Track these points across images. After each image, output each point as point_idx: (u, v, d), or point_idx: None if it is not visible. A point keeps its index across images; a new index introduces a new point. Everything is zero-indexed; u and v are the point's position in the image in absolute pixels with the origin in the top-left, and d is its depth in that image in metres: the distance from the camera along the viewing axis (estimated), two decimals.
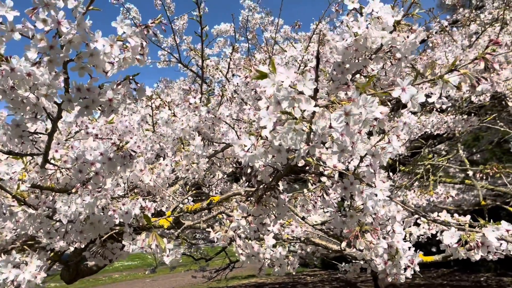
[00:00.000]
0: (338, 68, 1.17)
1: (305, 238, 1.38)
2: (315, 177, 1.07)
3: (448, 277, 7.98)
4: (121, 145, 1.14)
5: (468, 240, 0.90)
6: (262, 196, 1.00)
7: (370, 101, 0.75)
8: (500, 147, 6.77)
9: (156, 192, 1.55)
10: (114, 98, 0.96)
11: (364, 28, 1.04)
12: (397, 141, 1.06)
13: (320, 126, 0.75)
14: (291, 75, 0.73)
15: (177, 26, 4.96)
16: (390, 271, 0.96)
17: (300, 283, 8.76)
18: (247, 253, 1.20)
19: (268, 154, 0.85)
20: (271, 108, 0.76)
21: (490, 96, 2.40)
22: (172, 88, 5.21)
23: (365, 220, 0.95)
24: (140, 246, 1.13)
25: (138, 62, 0.99)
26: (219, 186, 2.30)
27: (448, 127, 2.54)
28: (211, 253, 8.07)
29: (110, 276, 13.13)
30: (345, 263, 2.02)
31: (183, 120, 1.52)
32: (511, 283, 7.11)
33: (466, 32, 3.15)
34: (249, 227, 1.01)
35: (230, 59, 2.43)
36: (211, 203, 1.20)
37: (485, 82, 0.72)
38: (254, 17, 4.70)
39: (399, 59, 1.11)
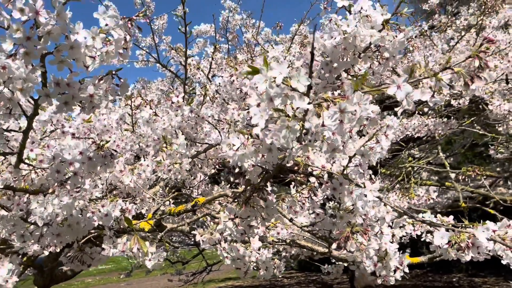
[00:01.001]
0: (326, 67, 1.15)
1: (290, 240, 1.36)
2: (304, 177, 1.05)
3: (422, 278, 8.13)
4: (101, 144, 1.09)
5: (458, 241, 0.89)
6: (250, 197, 0.97)
7: (365, 98, 0.74)
8: (472, 151, 6.95)
9: (136, 193, 1.50)
10: (95, 94, 0.91)
11: (353, 26, 1.03)
12: (386, 141, 1.05)
13: (313, 124, 0.73)
14: (284, 70, 0.70)
15: (156, 26, 4.88)
16: (380, 273, 0.95)
17: (277, 285, 8.74)
18: (232, 256, 1.17)
19: (259, 153, 0.83)
20: (263, 105, 0.74)
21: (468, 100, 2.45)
22: (150, 88, 5.12)
23: (355, 221, 0.93)
24: (121, 250, 1.08)
25: (121, 57, 0.95)
26: (200, 188, 2.25)
27: (428, 130, 2.58)
28: (188, 256, 7.97)
29: (83, 280, 12.80)
30: (327, 264, 2.01)
31: (165, 120, 1.47)
32: (482, 283, 7.29)
33: (445, 37, 3.21)
34: (236, 230, 0.97)
35: (212, 59, 2.39)
36: (196, 205, 1.16)
37: (479, 80, 0.71)
38: (234, 18, 4.68)
39: (387, 59, 1.11)
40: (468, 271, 8.04)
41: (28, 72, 0.86)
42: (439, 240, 0.89)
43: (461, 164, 6.40)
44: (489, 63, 0.71)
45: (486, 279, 7.41)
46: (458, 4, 4.33)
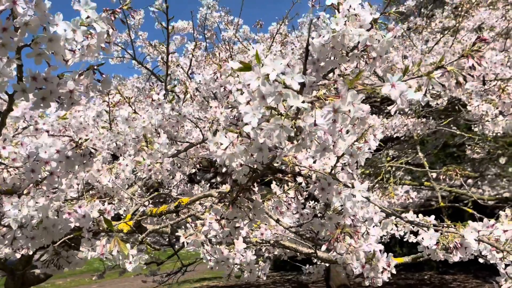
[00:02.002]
0: (313, 66, 1.14)
1: (274, 241, 1.34)
2: (291, 177, 1.03)
3: (395, 276, 8.25)
4: (80, 142, 1.04)
5: (446, 242, 0.89)
6: (237, 197, 0.95)
7: (358, 98, 0.72)
8: (444, 151, 7.14)
9: (113, 194, 1.45)
10: (75, 89, 0.86)
11: (342, 24, 1.01)
12: (374, 141, 1.04)
13: (308, 123, 0.71)
14: (278, 67, 0.68)
15: (132, 21, 4.77)
16: (368, 274, 0.94)
17: (252, 285, 8.73)
18: (216, 259, 1.14)
19: (248, 152, 0.80)
20: (255, 103, 0.71)
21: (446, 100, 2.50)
22: (125, 85, 5.00)
23: (344, 222, 0.92)
24: (99, 252, 1.04)
25: (104, 51, 0.90)
26: (178, 187, 2.21)
27: (408, 129, 2.62)
28: (162, 257, 7.85)
29: (53, 283, 12.42)
30: (308, 265, 2.01)
31: (144, 118, 1.43)
32: (452, 280, 7.50)
33: (423, 38, 3.27)
34: (222, 231, 0.95)
35: (193, 55, 2.34)
36: (180, 206, 1.12)
37: (472, 79, 0.71)
38: (212, 16, 4.62)
39: (374, 58, 1.10)
40: (439, 268, 8.26)
41: (3, 65, 0.80)
42: (428, 241, 0.88)
43: (435, 164, 6.55)
44: (482, 62, 0.71)
45: (456, 276, 7.62)
46: (433, 7, 4.43)
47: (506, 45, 2.76)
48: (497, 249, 0.88)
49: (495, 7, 3.19)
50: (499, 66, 2.00)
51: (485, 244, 0.95)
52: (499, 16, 2.83)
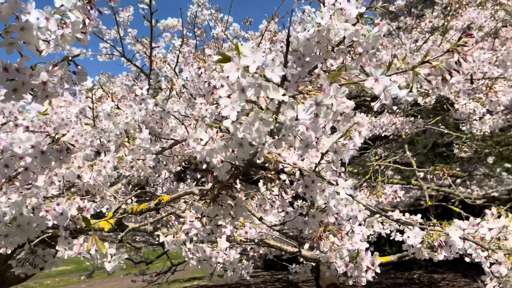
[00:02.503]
0: (298, 61, 1.11)
1: (259, 239, 1.31)
2: (275, 174, 1.01)
3: (384, 275, 8.32)
4: (56, 137, 1.00)
5: (431, 240, 0.87)
6: (218, 195, 0.92)
7: (341, 91, 0.70)
8: (433, 151, 7.18)
9: (95, 191, 1.41)
10: (49, 81, 0.83)
11: (327, 19, 0.99)
12: (359, 138, 1.02)
13: (289, 117, 0.68)
14: (258, 59, 0.65)
15: (121, 18, 4.71)
16: (352, 273, 0.92)
17: (242, 284, 8.71)
18: (198, 257, 1.11)
19: (229, 148, 0.77)
20: (234, 96, 0.68)
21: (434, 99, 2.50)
22: (114, 83, 4.94)
23: (327, 220, 0.90)
24: (77, 251, 1.00)
25: (80, 42, 0.87)
26: (164, 185, 2.17)
27: (396, 128, 2.61)
28: (152, 256, 7.79)
29: (41, 282, 12.28)
30: (295, 264, 1.98)
31: (127, 113, 1.39)
32: (441, 279, 7.55)
33: (412, 37, 3.27)
34: (204, 230, 0.92)
35: (179, 52, 2.31)
36: (160, 203, 1.09)
37: (457, 74, 0.69)
38: (203, 13, 4.58)
39: (360, 54, 1.08)
40: (428, 268, 8.31)
41: None
42: (413, 240, 0.87)
43: (424, 163, 6.59)
44: (468, 57, 0.69)
45: (445, 275, 7.67)
46: (423, 7, 4.44)
47: (494, 45, 2.77)
48: (482, 248, 0.87)
49: (484, 7, 3.20)
50: (486, 65, 2.00)
51: (471, 243, 0.93)
52: (487, 16, 2.83)
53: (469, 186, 5.99)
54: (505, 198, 3.73)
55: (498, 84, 1.99)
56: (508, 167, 5.76)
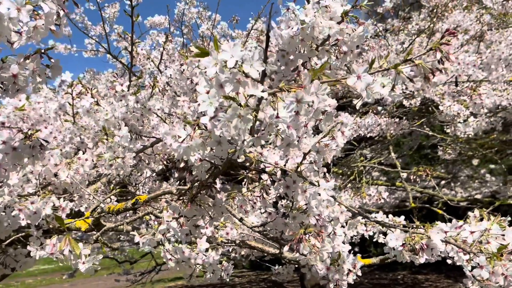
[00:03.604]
0: (282, 59, 1.09)
1: (240, 241, 1.29)
2: (256, 174, 0.98)
3: (369, 276, 8.37)
4: (29, 133, 0.96)
5: (413, 243, 0.86)
6: (197, 195, 0.89)
7: (322, 88, 0.68)
8: (419, 153, 7.25)
9: (73, 190, 1.37)
10: (20, 74, 0.79)
11: (311, 16, 0.97)
12: (342, 138, 1.00)
13: (268, 114, 0.66)
14: (237, 53, 0.63)
15: (107, 14, 4.64)
16: (333, 277, 0.90)
17: (228, 284, 8.68)
18: (177, 259, 1.08)
19: (207, 146, 0.75)
20: (212, 92, 0.66)
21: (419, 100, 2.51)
22: (99, 80, 4.87)
23: (308, 221, 0.88)
24: (49, 252, 0.96)
25: (54, 34, 0.83)
26: (147, 185, 2.13)
27: (381, 129, 2.61)
28: (136, 256, 7.71)
29: (23, 281, 12.08)
30: (278, 265, 1.96)
31: (107, 110, 1.35)
32: (425, 280, 7.62)
33: (398, 39, 3.28)
34: (181, 230, 0.89)
35: (164, 49, 2.27)
36: (137, 203, 1.06)
37: (440, 73, 0.67)
38: (190, 11, 4.53)
39: (345, 53, 1.06)
40: (412, 268, 8.39)
41: None
42: (394, 242, 0.85)
43: (409, 165, 6.64)
44: (451, 55, 0.67)
45: (429, 276, 7.75)
46: (410, 9, 4.46)
47: (479, 48, 2.79)
48: (463, 251, 0.86)
49: (470, 10, 3.22)
50: (471, 68, 2.00)
51: (453, 246, 0.92)
52: (473, 19, 2.85)
53: (453, 188, 6.05)
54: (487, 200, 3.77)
55: (482, 86, 2.00)
56: (492, 169, 5.84)
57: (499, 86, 2.08)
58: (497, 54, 1.98)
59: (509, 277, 0.78)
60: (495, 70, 1.99)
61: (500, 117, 2.31)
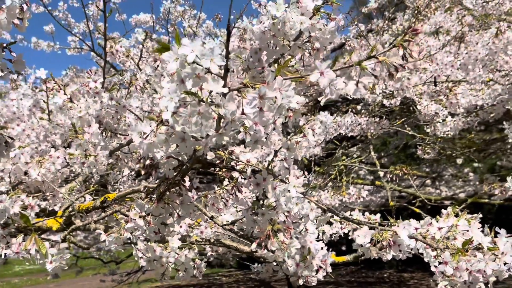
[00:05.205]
0: (255, 55, 1.08)
1: (215, 239, 1.28)
2: (226, 172, 0.98)
3: (356, 274, 8.43)
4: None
5: (380, 239, 0.86)
6: (165, 193, 0.88)
7: (286, 84, 0.67)
8: (404, 152, 7.31)
9: (46, 189, 1.35)
10: None
11: (282, 11, 0.97)
12: (313, 136, 1.00)
13: (229, 111, 0.65)
14: (197, 48, 0.62)
15: (91, 12, 4.59)
16: (302, 273, 0.90)
17: (215, 284, 8.65)
18: (148, 257, 1.07)
19: (171, 142, 0.74)
20: (173, 86, 0.65)
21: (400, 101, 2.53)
22: (83, 77, 4.81)
23: (277, 218, 0.87)
24: (15, 251, 0.94)
25: (17, 28, 0.82)
26: (126, 183, 2.11)
27: (361, 129, 2.62)
28: (122, 255, 7.64)
29: (9, 281, 11.91)
30: (257, 263, 1.95)
31: (81, 107, 1.33)
32: (410, 278, 7.70)
33: (381, 40, 3.30)
34: (148, 228, 0.88)
35: (143, 46, 2.25)
36: (106, 201, 1.05)
37: (403, 70, 0.67)
38: (176, 10, 4.50)
39: (318, 50, 1.06)
40: (398, 267, 8.47)
41: None
42: (362, 239, 0.85)
43: (395, 164, 6.68)
44: (413, 53, 0.67)
45: (414, 274, 7.83)
46: (395, 10, 4.49)
47: (460, 49, 2.82)
48: (431, 247, 0.86)
49: (452, 11, 3.25)
50: (449, 68, 2.02)
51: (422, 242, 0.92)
52: (454, 20, 2.88)
53: (438, 187, 6.12)
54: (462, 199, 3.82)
55: (461, 86, 2.02)
56: (475, 167, 5.91)
57: (476, 86, 2.11)
58: (474, 54, 2.00)
59: (474, 272, 0.79)
60: (472, 71, 2.02)
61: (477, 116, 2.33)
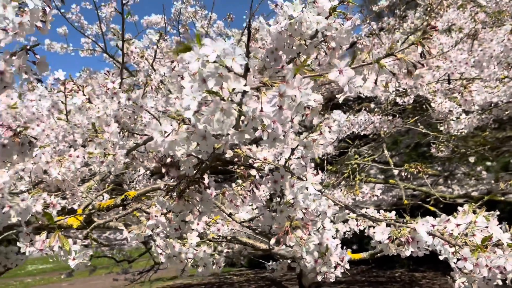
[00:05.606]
0: (271, 55, 1.10)
1: (231, 237, 1.29)
2: (244, 170, 0.99)
3: (367, 274, 8.39)
4: (18, 130, 0.97)
5: (399, 235, 0.87)
6: (185, 190, 0.90)
7: (305, 82, 0.69)
8: (416, 151, 7.25)
9: (65, 187, 1.38)
10: (6, 71, 0.80)
11: (299, 11, 0.98)
12: (329, 133, 1.01)
13: (251, 108, 0.67)
14: (219, 47, 0.64)
15: (103, 14, 4.64)
16: (320, 269, 0.91)
17: (226, 283, 8.68)
18: (168, 254, 1.09)
19: (192, 140, 0.75)
20: (195, 86, 0.67)
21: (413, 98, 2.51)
22: (96, 79, 4.86)
23: (295, 215, 0.88)
24: (39, 248, 0.97)
25: (40, 31, 0.84)
26: (141, 183, 2.14)
27: (374, 127, 2.61)
28: (134, 254, 7.71)
29: (22, 280, 12.08)
30: (272, 261, 1.97)
31: (99, 107, 1.36)
32: (422, 277, 7.64)
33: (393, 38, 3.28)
34: (169, 225, 0.90)
35: (157, 47, 2.28)
36: (126, 199, 1.07)
37: (422, 67, 0.68)
38: (187, 11, 4.54)
39: (334, 49, 1.07)
40: (409, 266, 8.40)
41: None
42: (380, 236, 0.86)
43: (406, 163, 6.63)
44: (432, 50, 0.68)
45: (426, 274, 7.77)
46: (406, 8, 4.47)
47: (473, 46, 2.79)
48: (449, 243, 0.87)
49: (464, 8, 3.22)
50: (463, 65, 2.01)
51: (439, 239, 0.93)
52: (467, 17, 2.86)
53: (450, 185, 6.06)
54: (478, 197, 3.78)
55: (474, 84, 2.00)
56: (488, 166, 5.85)
57: (491, 83, 2.09)
58: (489, 51, 1.98)
59: (493, 268, 0.79)
60: (487, 68, 2.00)
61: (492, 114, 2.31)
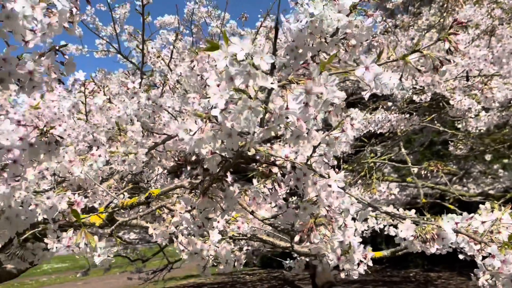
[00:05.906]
0: (291, 53, 1.10)
1: (252, 234, 1.30)
2: (266, 168, 1.00)
3: (381, 273, 8.33)
4: (45, 129, 0.99)
5: (423, 233, 0.86)
6: (209, 188, 0.91)
7: (331, 79, 0.69)
8: (430, 149, 7.18)
9: (87, 186, 1.40)
10: (35, 71, 0.82)
11: (320, 9, 0.98)
12: (352, 131, 1.01)
13: (278, 105, 0.67)
14: (247, 46, 0.64)
15: (118, 15, 4.69)
16: (344, 266, 0.91)
17: (239, 282, 8.71)
18: (189, 251, 1.10)
19: (218, 139, 0.76)
20: (223, 84, 0.67)
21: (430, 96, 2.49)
22: (111, 79, 4.92)
23: (319, 212, 0.89)
24: (66, 244, 0.99)
25: (67, 31, 0.86)
26: (158, 182, 2.16)
27: (391, 125, 2.60)
28: (148, 254, 7.78)
29: (38, 279, 12.27)
30: (289, 259, 1.97)
31: (120, 107, 1.38)
32: (437, 277, 7.56)
33: (408, 35, 3.26)
34: (194, 222, 0.91)
35: (174, 47, 2.29)
36: (150, 197, 1.08)
37: (449, 63, 0.68)
38: (200, 11, 4.56)
39: (354, 46, 1.07)
40: (424, 266, 8.33)
41: None
42: (405, 233, 0.86)
43: (420, 162, 6.58)
44: (459, 45, 0.68)
45: (441, 274, 7.69)
46: (420, 4, 4.43)
47: (491, 43, 2.76)
48: (474, 241, 0.86)
49: (481, 4, 3.19)
50: (482, 62, 1.99)
51: (464, 236, 0.92)
52: (484, 13, 2.83)
53: (465, 184, 5.99)
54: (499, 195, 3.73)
55: (493, 80, 1.98)
56: (505, 164, 5.76)
57: (510, 80, 2.06)
58: (508, 48, 1.96)
59: None
60: (507, 64, 1.98)
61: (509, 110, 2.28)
